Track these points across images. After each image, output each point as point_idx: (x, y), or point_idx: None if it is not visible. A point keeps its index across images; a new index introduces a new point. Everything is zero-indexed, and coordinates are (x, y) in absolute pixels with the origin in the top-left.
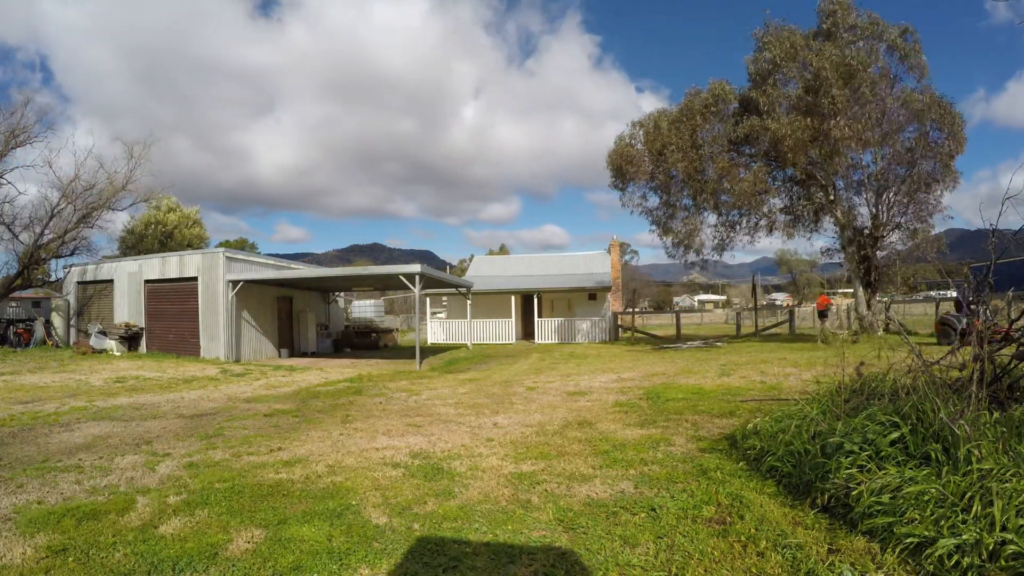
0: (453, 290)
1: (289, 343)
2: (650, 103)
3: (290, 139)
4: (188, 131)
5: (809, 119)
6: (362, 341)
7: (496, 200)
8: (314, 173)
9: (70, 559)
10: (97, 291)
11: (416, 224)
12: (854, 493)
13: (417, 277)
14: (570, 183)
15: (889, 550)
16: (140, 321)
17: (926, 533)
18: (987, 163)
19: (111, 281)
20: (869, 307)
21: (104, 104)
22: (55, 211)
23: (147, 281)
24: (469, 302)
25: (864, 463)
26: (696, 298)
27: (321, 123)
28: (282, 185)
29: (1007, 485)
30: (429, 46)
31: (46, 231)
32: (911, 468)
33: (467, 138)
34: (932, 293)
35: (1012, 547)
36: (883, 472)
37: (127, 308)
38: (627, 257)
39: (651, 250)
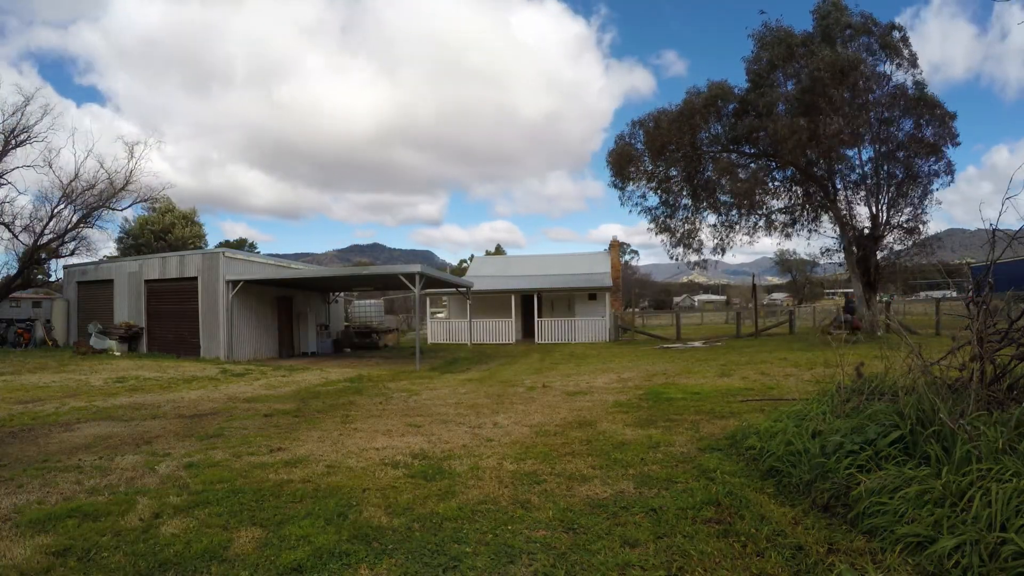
0: (453, 290)
1: (289, 343)
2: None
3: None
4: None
5: (806, 120)
6: (362, 341)
7: (422, 193)
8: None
9: (71, 560)
10: (97, 291)
11: (352, 228)
12: (854, 493)
13: (417, 277)
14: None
15: (889, 549)
16: (140, 321)
17: (926, 533)
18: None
19: (111, 281)
20: (869, 307)
21: None
22: (55, 211)
23: (147, 281)
24: (469, 302)
25: (864, 463)
26: (696, 298)
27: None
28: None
29: (1007, 485)
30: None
31: (46, 231)
32: (911, 468)
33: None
34: (933, 293)
35: (1012, 547)
36: (883, 472)
37: (127, 308)
38: (627, 257)
39: (650, 249)
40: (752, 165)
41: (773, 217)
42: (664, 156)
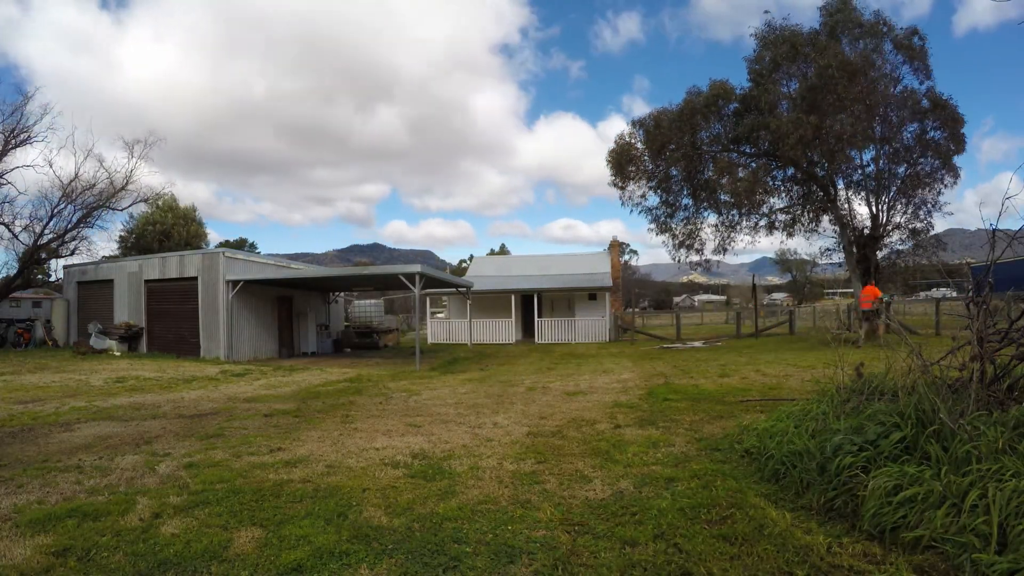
0: (453, 290)
1: (289, 343)
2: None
3: None
4: None
5: (811, 117)
6: (362, 341)
7: (351, 187)
8: None
9: (71, 560)
10: (97, 291)
11: (287, 229)
12: (855, 493)
13: (417, 277)
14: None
15: (889, 549)
16: (140, 321)
17: (926, 533)
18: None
19: (111, 281)
20: None
21: None
22: (55, 211)
23: (147, 281)
24: (469, 302)
25: (864, 463)
26: (696, 298)
27: None
28: None
29: (1008, 484)
30: None
31: (46, 231)
32: (911, 468)
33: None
34: (932, 293)
35: (1012, 547)
36: (883, 472)
37: (127, 308)
38: (626, 256)
39: (649, 247)
40: (752, 164)
41: (773, 216)
42: (664, 156)
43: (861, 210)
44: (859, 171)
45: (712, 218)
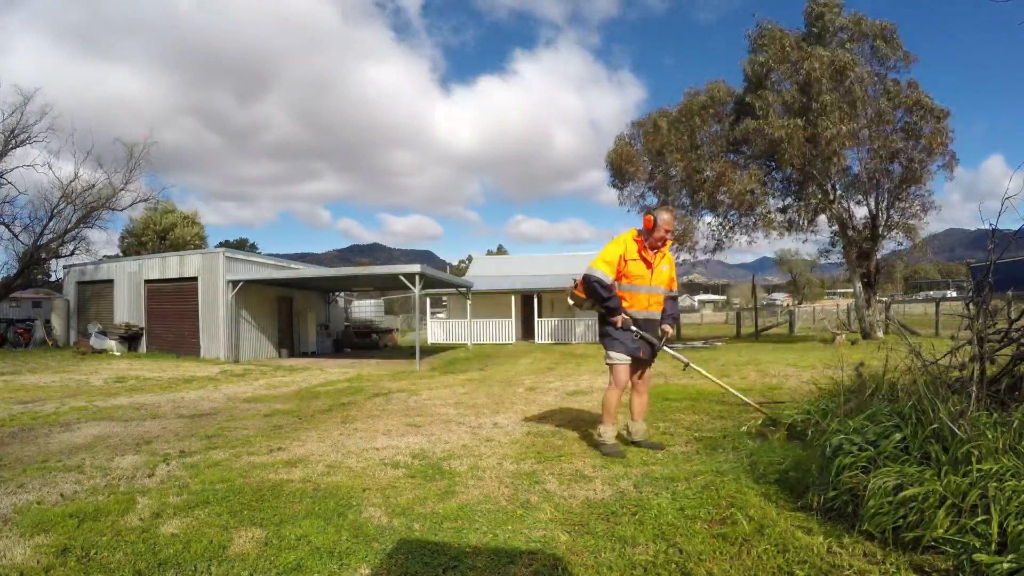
0: (453, 290)
1: (289, 343)
2: None
3: None
4: None
5: (803, 120)
6: (362, 341)
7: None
8: None
9: (71, 560)
10: (97, 291)
11: (272, 227)
12: (855, 493)
13: (417, 277)
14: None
15: (889, 551)
16: (140, 321)
17: (926, 533)
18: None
19: (111, 281)
20: (869, 306)
21: None
22: (55, 211)
23: (147, 281)
24: (469, 302)
25: (864, 463)
26: (696, 298)
27: None
28: None
29: (1008, 484)
30: None
31: (46, 231)
32: (911, 468)
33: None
34: (932, 293)
35: (1012, 547)
36: (883, 472)
37: (127, 308)
38: None
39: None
40: (751, 166)
41: (772, 217)
42: (663, 156)
43: (860, 211)
44: (853, 171)
45: (710, 218)
